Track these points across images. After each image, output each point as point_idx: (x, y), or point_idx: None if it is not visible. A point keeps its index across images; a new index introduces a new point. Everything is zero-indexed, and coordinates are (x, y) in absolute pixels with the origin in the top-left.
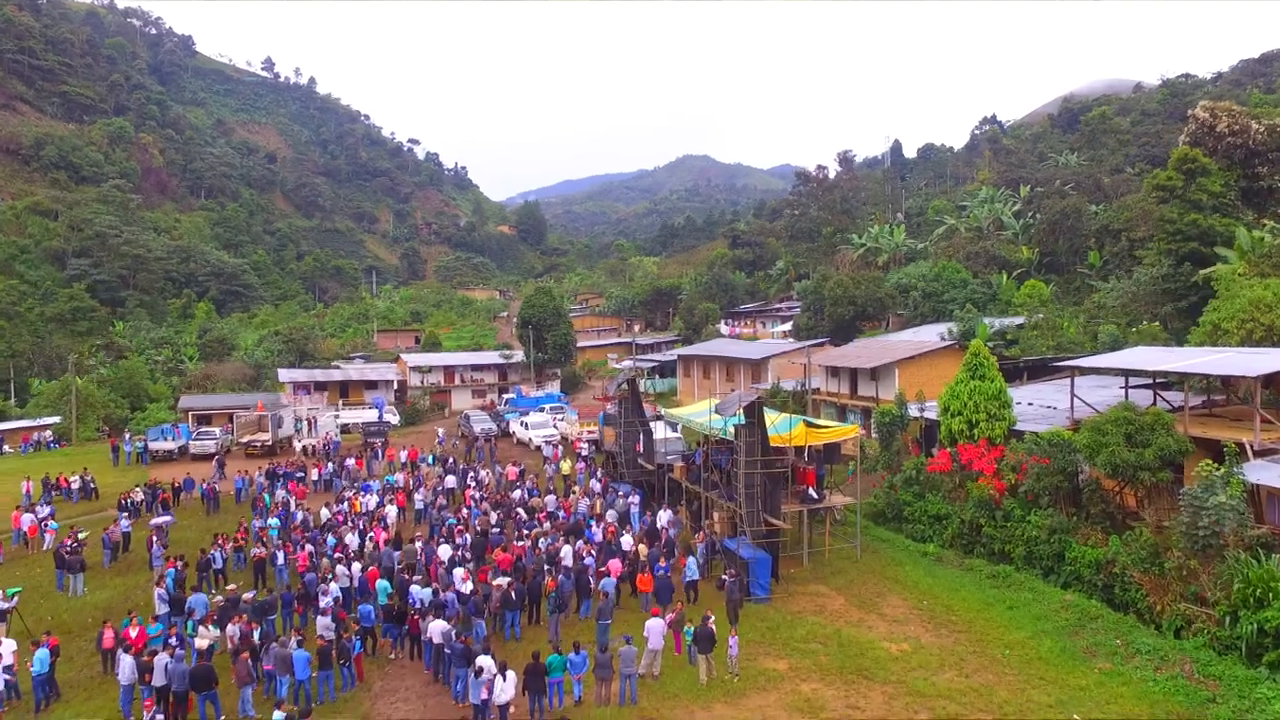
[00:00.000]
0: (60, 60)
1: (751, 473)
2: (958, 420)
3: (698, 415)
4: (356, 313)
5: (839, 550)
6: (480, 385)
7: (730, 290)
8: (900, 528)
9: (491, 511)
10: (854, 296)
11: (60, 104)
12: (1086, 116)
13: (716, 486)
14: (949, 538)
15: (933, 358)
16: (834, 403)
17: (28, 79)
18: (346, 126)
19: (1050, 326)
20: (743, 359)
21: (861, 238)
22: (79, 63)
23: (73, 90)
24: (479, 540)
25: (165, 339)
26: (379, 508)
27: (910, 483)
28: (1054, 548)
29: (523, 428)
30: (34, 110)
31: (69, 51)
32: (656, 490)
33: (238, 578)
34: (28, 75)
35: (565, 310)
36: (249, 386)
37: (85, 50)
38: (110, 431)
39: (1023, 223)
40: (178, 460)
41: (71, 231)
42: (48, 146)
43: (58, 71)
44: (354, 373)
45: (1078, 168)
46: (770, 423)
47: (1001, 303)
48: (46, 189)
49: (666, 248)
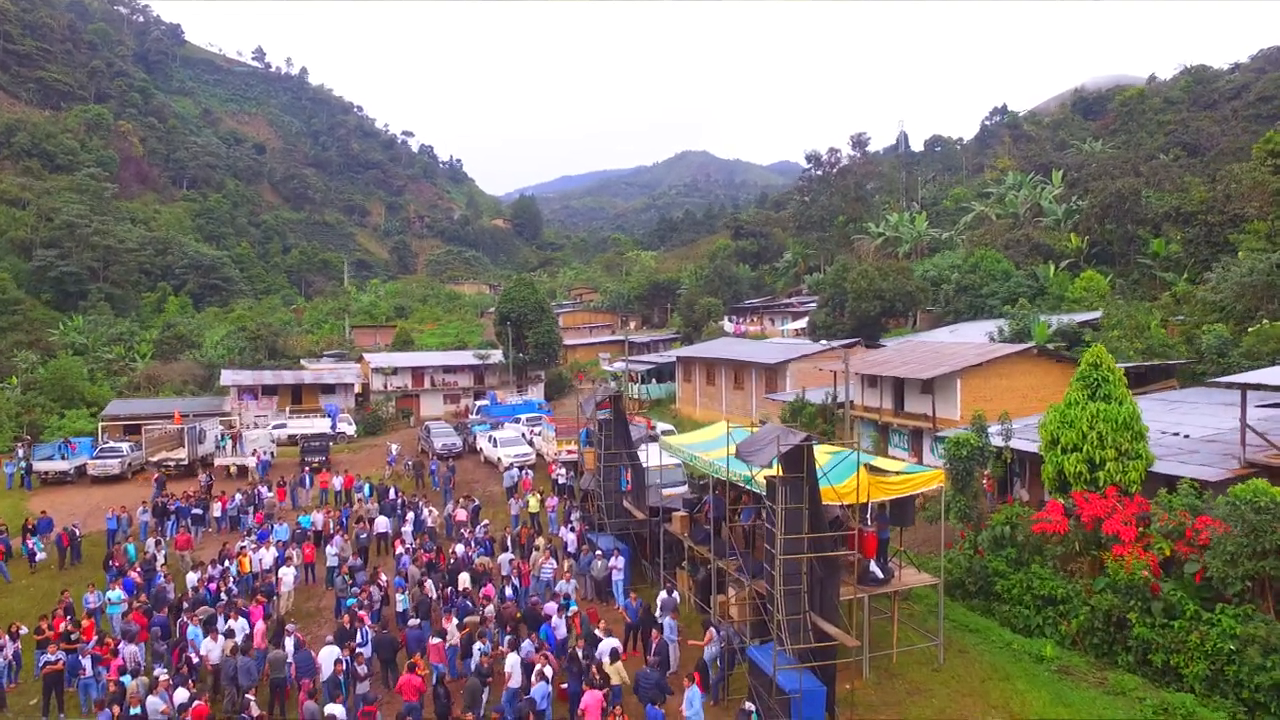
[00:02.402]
0: (38, 45)
1: (795, 555)
2: (1073, 458)
3: (707, 447)
4: (336, 307)
5: (912, 650)
6: (453, 389)
7: (734, 284)
8: (989, 607)
9: (422, 577)
10: (881, 290)
11: (36, 90)
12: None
13: (734, 552)
14: (1074, 633)
15: (1002, 366)
16: (872, 420)
17: (2, 64)
18: (339, 118)
19: (1134, 326)
20: (755, 363)
21: (879, 226)
22: (59, 48)
23: (50, 76)
24: (385, 639)
25: (122, 335)
26: (274, 566)
27: (1000, 543)
28: (1273, 675)
29: (490, 444)
30: (7, 96)
31: (48, 37)
32: (648, 547)
33: (26, 694)
34: (2, 60)
35: (549, 305)
36: (199, 390)
37: (66, 36)
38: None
39: (1065, 208)
40: (73, 483)
41: (40, 221)
42: (19, 133)
43: (35, 57)
44: (308, 375)
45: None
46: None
47: (1052, 297)
48: (16, 177)
49: (665, 242)
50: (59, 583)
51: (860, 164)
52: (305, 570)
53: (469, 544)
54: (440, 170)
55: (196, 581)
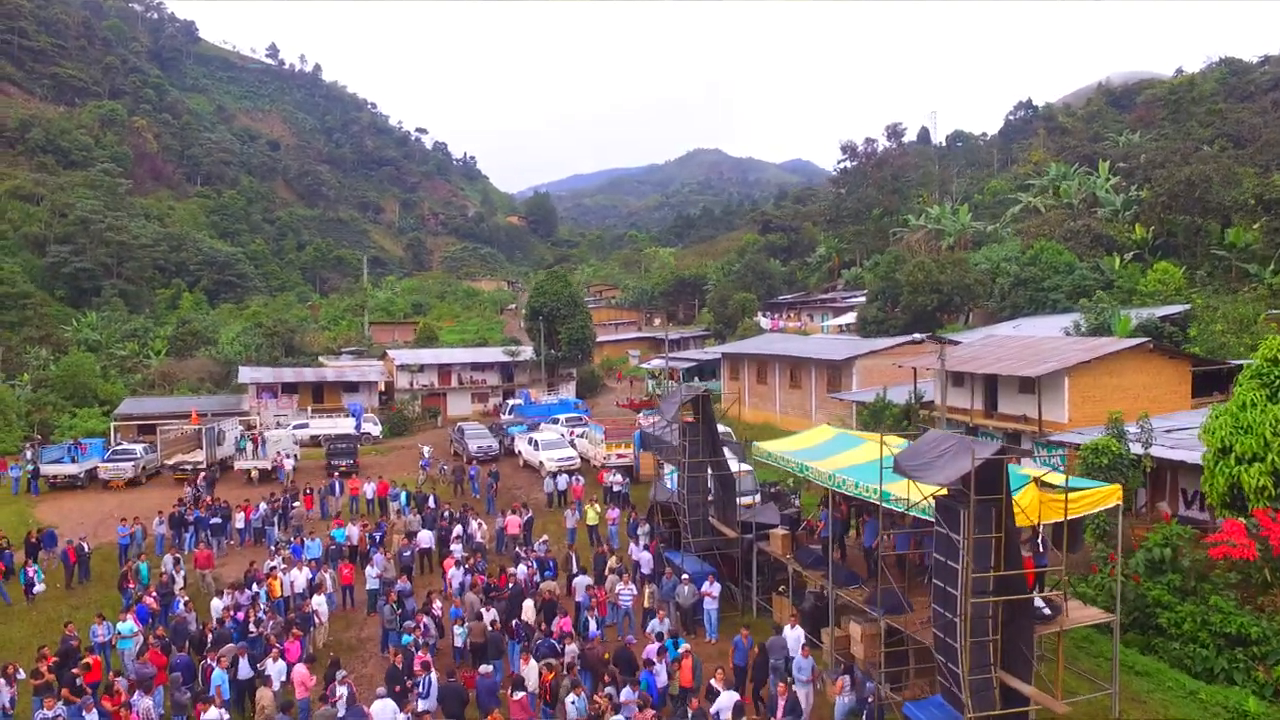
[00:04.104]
0: (53, 42)
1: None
2: (1254, 470)
3: (813, 455)
4: (353, 304)
5: (1077, 699)
6: (481, 388)
7: (767, 280)
8: (1149, 642)
9: (483, 608)
10: (938, 283)
11: (51, 86)
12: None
13: (855, 580)
14: (1277, 683)
15: (1111, 363)
16: (959, 422)
17: (17, 60)
18: (352, 115)
19: (1238, 320)
20: (815, 359)
21: (919, 219)
22: (73, 45)
23: (64, 72)
24: (452, 691)
25: (136, 331)
26: (307, 590)
27: (1158, 568)
28: None
29: (531, 447)
30: (22, 92)
31: (63, 33)
32: (738, 570)
33: None
34: (17, 56)
35: (583, 299)
36: (216, 387)
37: (80, 32)
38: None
39: (1123, 198)
40: (83, 489)
41: (54, 217)
42: (34, 129)
43: (50, 53)
44: (330, 373)
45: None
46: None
47: (1121, 290)
48: (31, 172)
49: (682, 239)
50: (65, 605)
51: (896, 155)
52: (342, 593)
53: (528, 563)
54: (454, 167)
55: (222, 611)
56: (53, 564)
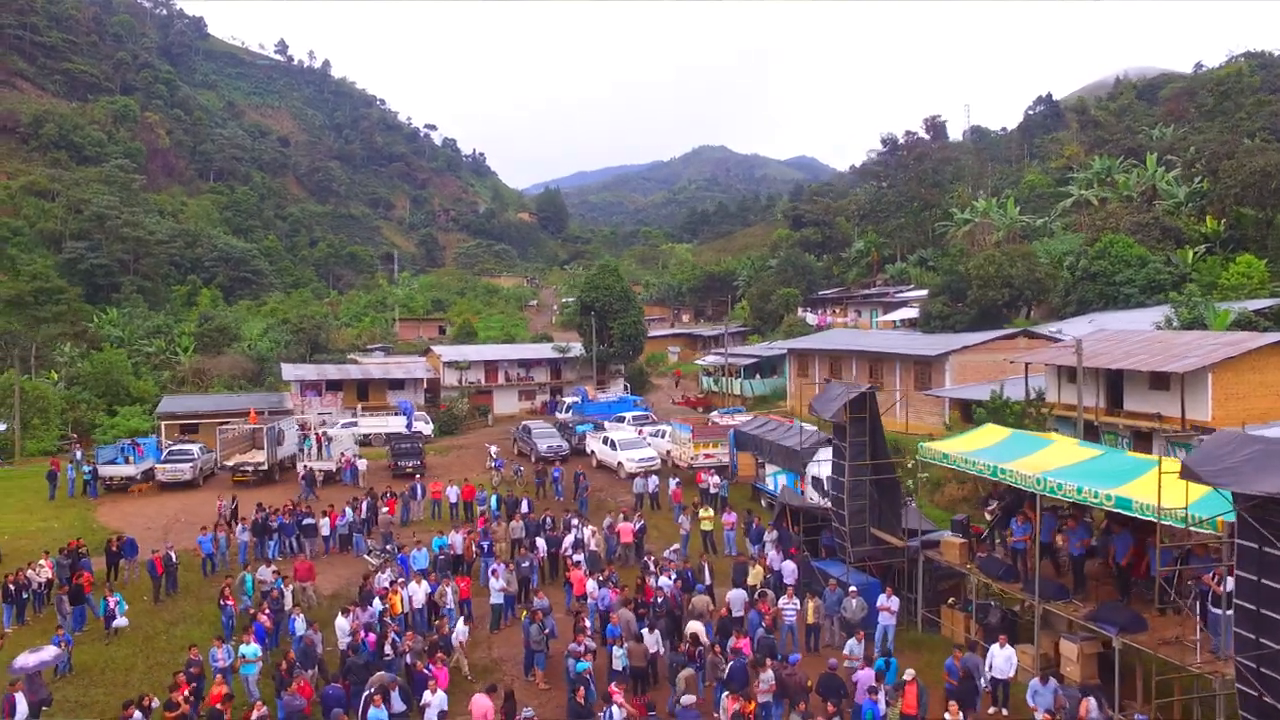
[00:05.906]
0: (64, 37)
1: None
2: None
3: (998, 455)
4: (374, 300)
5: None
6: (529, 385)
7: (808, 275)
8: None
9: (645, 633)
10: (1009, 277)
11: (63, 81)
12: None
13: (1064, 593)
14: None
15: (1253, 359)
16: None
17: (29, 55)
18: (362, 111)
19: None
20: (901, 355)
21: (964, 212)
22: (84, 40)
23: (76, 68)
24: None
25: (160, 328)
26: (427, 605)
27: None
28: None
29: (607, 447)
30: (34, 87)
31: (74, 29)
32: (903, 581)
33: None
34: (29, 52)
35: (634, 294)
36: (250, 385)
37: (91, 28)
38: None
39: (1186, 190)
40: (140, 492)
41: (69, 213)
42: (47, 124)
43: (61, 48)
44: (375, 369)
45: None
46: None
47: (1200, 285)
48: (45, 168)
49: (696, 235)
50: (159, 620)
51: (937, 149)
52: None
53: (667, 574)
54: (463, 163)
55: (350, 631)
56: (134, 574)
